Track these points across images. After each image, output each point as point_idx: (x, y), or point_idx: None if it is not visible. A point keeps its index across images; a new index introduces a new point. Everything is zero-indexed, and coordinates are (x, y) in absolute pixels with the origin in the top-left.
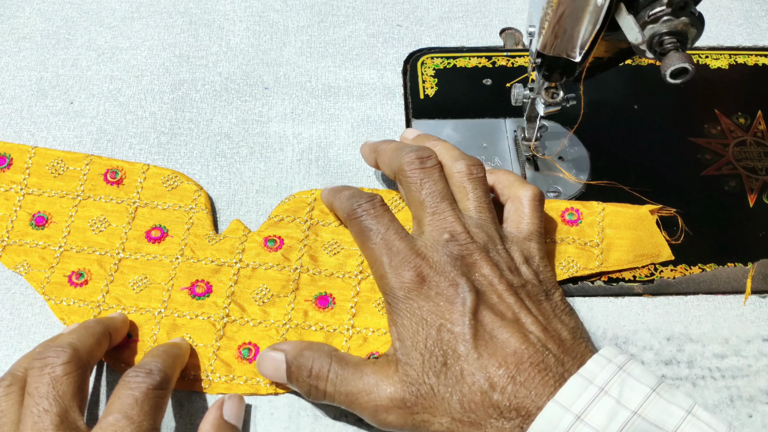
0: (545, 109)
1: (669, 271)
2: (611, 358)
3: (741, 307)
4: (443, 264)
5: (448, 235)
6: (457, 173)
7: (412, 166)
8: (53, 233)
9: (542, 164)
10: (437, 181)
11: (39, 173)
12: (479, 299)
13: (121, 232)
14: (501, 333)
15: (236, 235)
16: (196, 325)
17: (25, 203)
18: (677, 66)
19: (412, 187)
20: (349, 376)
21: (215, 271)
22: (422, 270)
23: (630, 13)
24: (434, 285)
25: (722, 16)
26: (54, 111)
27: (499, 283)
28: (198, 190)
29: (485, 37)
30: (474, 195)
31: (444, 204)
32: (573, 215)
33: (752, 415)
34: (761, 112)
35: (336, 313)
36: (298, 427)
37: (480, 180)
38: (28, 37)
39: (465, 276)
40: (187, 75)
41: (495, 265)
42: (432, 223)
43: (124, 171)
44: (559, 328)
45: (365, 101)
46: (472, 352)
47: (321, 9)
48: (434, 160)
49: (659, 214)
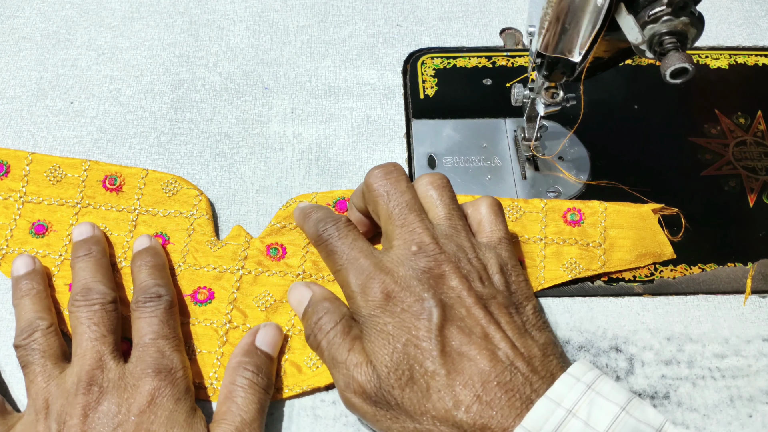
0: (545, 109)
1: (669, 271)
2: (580, 376)
3: (741, 307)
4: (409, 279)
5: (416, 247)
6: (421, 185)
7: (377, 177)
8: (54, 242)
9: (542, 164)
10: (404, 192)
11: (37, 181)
12: (446, 314)
13: (122, 241)
14: (468, 350)
15: (238, 242)
16: (199, 332)
17: (24, 211)
18: (677, 66)
19: (379, 201)
20: (342, 344)
21: (217, 278)
22: (387, 286)
23: (630, 13)
24: (399, 301)
25: (722, 16)
26: (54, 111)
27: (468, 296)
28: (198, 195)
29: (485, 37)
30: (441, 202)
31: (412, 215)
32: (575, 215)
33: (752, 415)
34: (761, 112)
35: None
36: (298, 427)
37: (446, 187)
38: (28, 37)
39: (432, 290)
40: (187, 75)
41: (464, 276)
42: (400, 236)
43: (123, 177)
44: (529, 344)
45: (365, 101)
46: (439, 368)
47: (321, 9)
48: (400, 171)
49: (661, 213)
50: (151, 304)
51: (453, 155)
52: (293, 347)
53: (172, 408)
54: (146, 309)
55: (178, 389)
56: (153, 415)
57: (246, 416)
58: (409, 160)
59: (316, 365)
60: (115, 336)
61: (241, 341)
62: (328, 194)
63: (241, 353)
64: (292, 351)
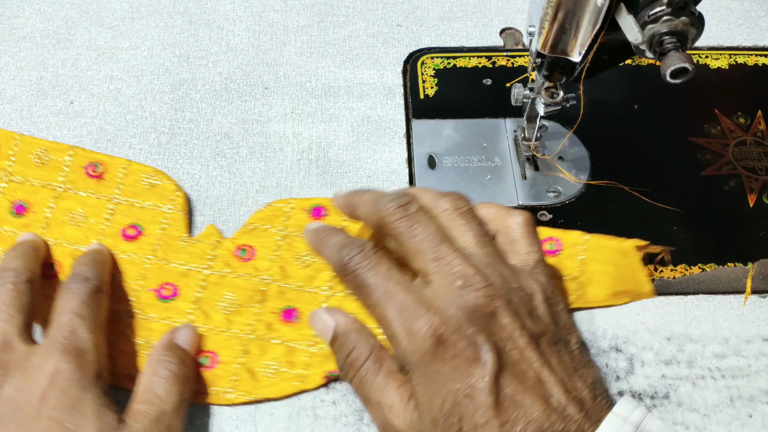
0: (545, 109)
1: (669, 271)
2: (627, 416)
3: (741, 307)
4: (459, 319)
5: (461, 281)
6: (442, 212)
7: (395, 216)
8: (31, 223)
9: (542, 164)
10: (427, 224)
11: (23, 161)
12: (500, 360)
13: (98, 228)
14: (523, 398)
15: (209, 240)
16: (158, 328)
17: (7, 190)
18: (677, 66)
19: (401, 238)
20: (376, 381)
21: (184, 275)
22: (437, 329)
23: (630, 13)
24: (450, 345)
25: (722, 16)
26: (54, 111)
27: (521, 336)
28: (177, 190)
29: (485, 37)
30: (469, 228)
31: (444, 246)
32: (553, 245)
33: (752, 415)
34: (761, 112)
35: (300, 328)
36: (298, 427)
37: (470, 213)
38: (28, 37)
39: (484, 332)
40: (187, 75)
41: (515, 313)
42: (438, 270)
43: (105, 165)
44: (579, 386)
45: (365, 101)
46: (492, 419)
47: (321, 9)
48: (416, 203)
49: (646, 251)
50: (75, 286)
51: (453, 155)
52: (251, 352)
53: (78, 396)
54: (69, 290)
55: (86, 374)
56: (56, 401)
57: (167, 407)
58: (409, 160)
59: (271, 374)
60: (27, 317)
61: (162, 338)
62: (305, 201)
63: (162, 348)
64: (249, 356)
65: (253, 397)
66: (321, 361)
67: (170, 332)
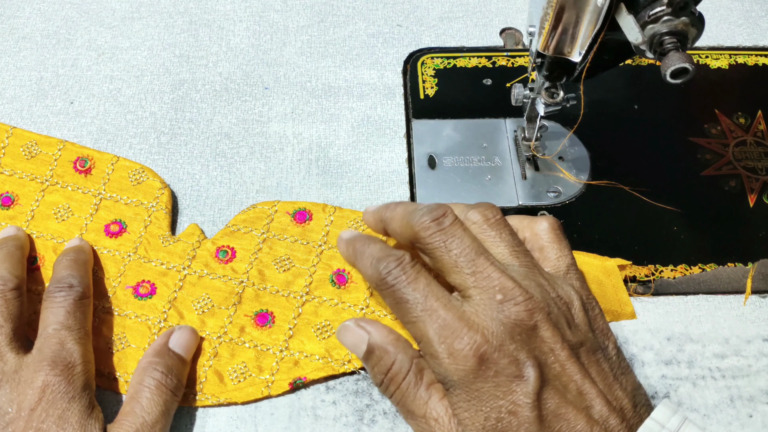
0: (545, 109)
1: (669, 271)
2: (665, 422)
3: (741, 307)
4: (501, 336)
5: (501, 296)
6: (473, 225)
7: (429, 230)
8: (17, 215)
9: (542, 164)
10: (463, 237)
11: (13, 154)
12: (542, 375)
13: (81, 223)
14: (565, 412)
15: (190, 240)
16: (132, 326)
17: None
18: (677, 66)
19: (436, 253)
20: (419, 394)
21: (162, 274)
22: (479, 347)
23: (630, 13)
24: (493, 363)
25: (722, 16)
26: (54, 111)
27: (561, 349)
28: (161, 188)
29: (485, 37)
30: (502, 239)
31: (480, 259)
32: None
33: (752, 415)
34: (761, 112)
35: (272, 333)
36: (298, 427)
37: (502, 222)
38: (28, 37)
39: (526, 347)
40: (187, 75)
41: (555, 325)
42: (476, 284)
43: (93, 160)
44: (619, 396)
45: (365, 101)
46: None
47: (321, 9)
48: (452, 216)
49: (628, 272)
50: (61, 295)
51: (453, 155)
52: (220, 354)
53: (65, 407)
54: (55, 299)
55: (74, 386)
56: (44, 413)
57: (148, 418)
58: (409, 160)
59: (239, 378)
60: (15, 325)
61: (155, 342)
62: (289, 204)
63: (153, 353)
64: (218, 358)
65: (218, 401)
66: (289, 367)
67: (166, 334)
